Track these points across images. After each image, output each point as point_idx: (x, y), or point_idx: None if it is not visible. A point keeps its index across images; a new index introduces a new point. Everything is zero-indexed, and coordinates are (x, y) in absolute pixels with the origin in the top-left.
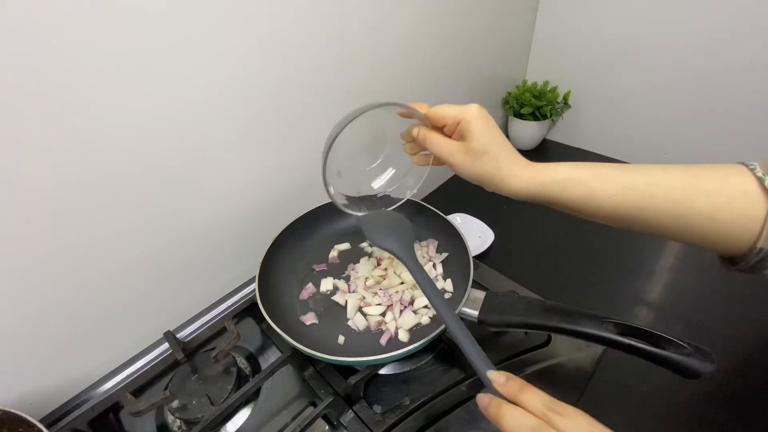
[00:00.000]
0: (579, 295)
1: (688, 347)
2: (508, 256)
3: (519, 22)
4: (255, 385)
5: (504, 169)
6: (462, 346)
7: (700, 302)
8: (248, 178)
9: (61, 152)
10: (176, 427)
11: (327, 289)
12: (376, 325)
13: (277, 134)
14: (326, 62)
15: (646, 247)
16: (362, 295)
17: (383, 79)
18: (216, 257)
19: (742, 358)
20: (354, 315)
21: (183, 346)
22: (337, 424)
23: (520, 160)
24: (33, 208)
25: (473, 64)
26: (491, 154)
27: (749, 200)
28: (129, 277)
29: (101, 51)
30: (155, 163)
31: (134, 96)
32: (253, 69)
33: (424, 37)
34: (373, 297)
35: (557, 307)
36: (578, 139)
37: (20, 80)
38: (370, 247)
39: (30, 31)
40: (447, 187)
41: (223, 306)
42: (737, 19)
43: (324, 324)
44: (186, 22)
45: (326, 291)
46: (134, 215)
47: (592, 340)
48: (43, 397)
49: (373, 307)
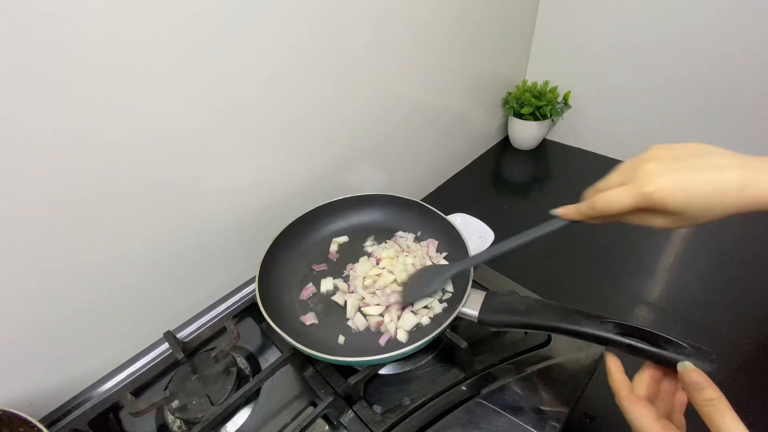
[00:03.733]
0: (579, 295)
1: (688, 347)
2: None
3: (519, 22)
4: (255, 385)
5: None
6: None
7: (700, 302)
8: (248, 178)
9: (61, 153)
10: (176, 427)
11: (327, 290)
12: (375, 325)
13: (277, 134)
14: (326, 63)
15: (646, 247)
16: (361, 295)
17: (383, 79)
18: (216, 257)
19: (742, 358)
20: (354, 315)
21: (183, 346)
22: (337, 424)
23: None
24: (33, 208)
25: (473, 64)
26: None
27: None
28: (129, 277)
29: (103, 51)
30: (155, 163)
31: (135, 96)
32: (253, 70)
33: (425, 38)
34: (372, 297)
35: (557, 307)
36: (578, 139)
37: (22, 81)
38: (370, 247)
39: (32, 32)
40: (447, 187)
41: (223, 306)
42: (737, 20)
43: (324, 324)
44: (189, 23)
45: (326, 291)
46: (134, 216)
47: (592, 340)
48: (43, 397)
49: (372, 307)
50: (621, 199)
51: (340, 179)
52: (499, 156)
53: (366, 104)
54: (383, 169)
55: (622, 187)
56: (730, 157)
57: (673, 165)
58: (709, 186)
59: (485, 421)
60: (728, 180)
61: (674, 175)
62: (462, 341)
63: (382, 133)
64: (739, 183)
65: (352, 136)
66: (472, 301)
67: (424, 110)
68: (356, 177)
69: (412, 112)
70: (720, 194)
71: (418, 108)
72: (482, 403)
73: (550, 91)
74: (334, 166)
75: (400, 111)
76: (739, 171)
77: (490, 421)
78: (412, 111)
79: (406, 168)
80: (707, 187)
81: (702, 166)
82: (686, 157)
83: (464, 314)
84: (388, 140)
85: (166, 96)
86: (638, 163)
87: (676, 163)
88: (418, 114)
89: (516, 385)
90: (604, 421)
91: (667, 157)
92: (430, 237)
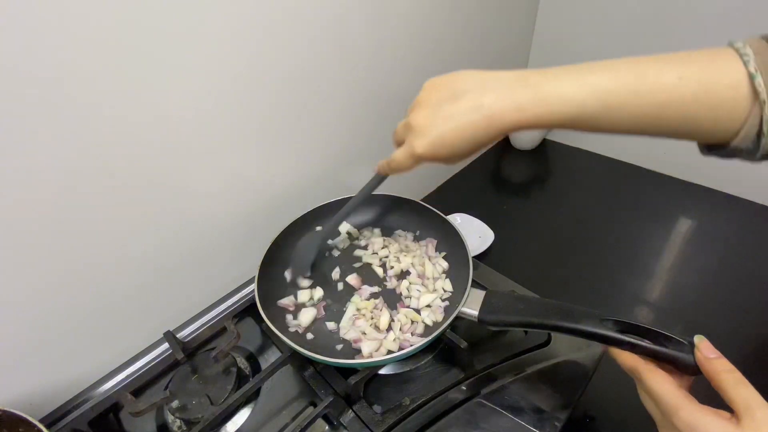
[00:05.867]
0: (579, 294)
1: (687, 344)
2: (508, 256)
3: (519, 22)
4: (255, 385)
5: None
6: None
7: (700, 302)
8: (248, 178)
9: (61, 152)
10: (176, 427)
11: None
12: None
13: (277, 134)
14: (325, 62)
15: (646, 247)
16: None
17: (383, 79)
18: (216, 257)
19: (742, 358)
20: (347, 332)
21: (183, 346)
22: (337, 424)
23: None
24: (32, 209)
25: (473, 64)
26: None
27: (735, 96)
28: (129, 277)
29: (98, 48)
30: (154, 163)
31: (133, 95)
32: (252, 69)
33: (424, 38)
34: (365, 329)
35: (557, 305)
36: (578, 139)
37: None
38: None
39: (26, 27)
40: (447, 187)
41: (223, 306)
42: (738, 20)
43: (324, 324)
44: (185, 19)
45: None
46: (134, 215)
47: (592, 339)
48: (43, 397)
49: (365, 343)
50: (405, 162)
51: (340, 179)
52: (499, 156)
53: (366, 104)
54: None
55: (402, 148)
56: (481, 88)
57: (434, 115)
58: (462, 133)
59: (485, 421)
60: (474, 121)
61: (435, 131)
62: (462, 341)
63: (383, 132)
64: (482, 121)
65: (351, 136)
66: (471, 300)
67: None
68: (356, 177)
69: None
70: (470, 136)
71: None
72: (482, 403)
73: None
74: (334, 166)
75: (401, 111)
76: (483, 110)
77: (490, 421)
78: None
79: None
80: (461, 134)
81: (455, 113)
82: (445, 101)
83: (464, 314)
84: (389, 140)
85: (166, 95)
86: (410, 114)
87: (437, 112)
88: None
89: (516, 385)
90: (604, 421)
91: (431, 105)
92: (429, 236)
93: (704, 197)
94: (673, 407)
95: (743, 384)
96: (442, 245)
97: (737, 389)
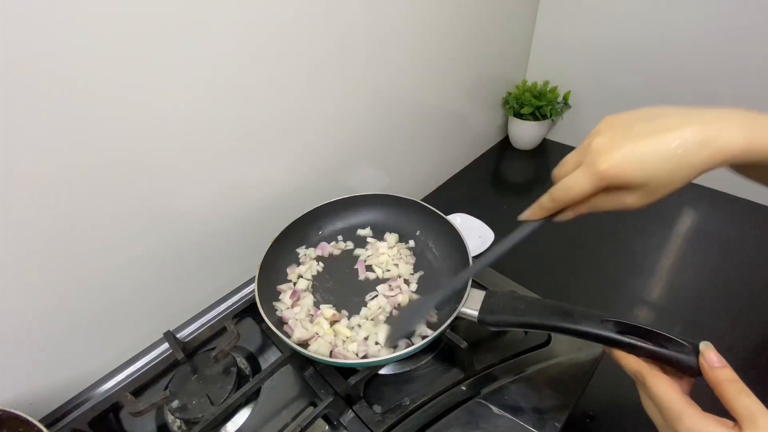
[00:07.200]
0: (579, 295)
1: (687, 345)
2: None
3: (519, 22)
4: (255, 385)
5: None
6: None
7: (700, 302)
8: (248, 178)
9: (60, 152)
10: (176, 427)
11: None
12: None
13: (277, 134)
14: (325, 63)
15: (646, 247)
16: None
17: (384, 79)
18: (216, 257)
19: (742, 358)
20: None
21: (183, 346)
22: (337, 424)
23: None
24: (32, 208)
25: (473, 64)
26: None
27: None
28: (129, 277)
29: (97, 44)
30: (155, 163)
31: (134, 94)
32: (251, 68)
33: (424, 38)
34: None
35: (557, 306)
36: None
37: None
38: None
39: (24, 22)
40: (447, 187)
41: (223, 306)
42: (737, 20)
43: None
44: (183, 17)
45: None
46: (134, 215)
47: (592, 339)
48: (43, 397)
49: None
50: (579, 184)
51: (340, 179)
52: (499, 156)
53: (366, 104)
54: (383, 169)
55: (577, 170)
56: (685, 114)
57: (623, 134)
58: (665, 149)
59: (485, 421)
60: (685, 139)
61: (626, 146)
62: (462, 341)
63: (383, 133)
64: (696, 139)
65: (352, 136)
66: (471, 300)
67: (424, 110)
68: (356, 177)
69: (412, 112)
70: (678, 155)
71: (418, 108)
72: (482, 403)
73: (550, 91)
74: (334, 166)
75: (400, 111)
76: (695, 127)
77: (490, 421)
78: (412, 111)
79: (406, 168)
80: (663, 150)
81: (654, 130)
82: (637, 122)
83: (464, 314)
84: (389, 140)
85: (166, 95)
86: (589, 140)
87: (627, 132)
88: (418, 114)
89: (516, 385)
90: (604, 421)
91: (617, 127)
92: (430, 237)
93: (704, 197)
94: (676, 414)
95: (746, 393)
96: (442, 245)
97: (740, 398)
